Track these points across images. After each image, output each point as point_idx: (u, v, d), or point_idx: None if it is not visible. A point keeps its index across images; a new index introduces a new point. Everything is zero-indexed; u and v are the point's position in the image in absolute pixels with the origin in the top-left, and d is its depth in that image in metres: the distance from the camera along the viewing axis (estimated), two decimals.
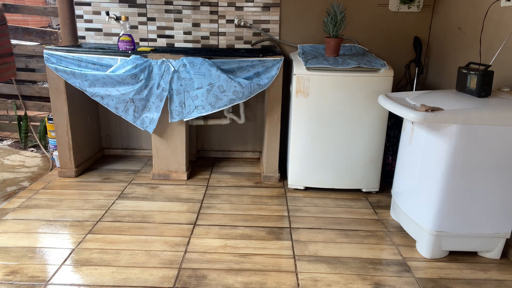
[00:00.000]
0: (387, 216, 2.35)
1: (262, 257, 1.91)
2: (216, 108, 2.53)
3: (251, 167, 3.07)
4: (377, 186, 2.63)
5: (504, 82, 2.04)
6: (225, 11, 2.94)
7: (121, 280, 1.71)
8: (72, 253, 1.90)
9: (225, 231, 2.13)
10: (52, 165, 3.00)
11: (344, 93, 2.41)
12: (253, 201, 2.50)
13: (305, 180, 2.63)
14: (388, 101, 1.97)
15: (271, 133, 2.70)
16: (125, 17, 2.67)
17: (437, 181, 1.82)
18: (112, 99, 2.51)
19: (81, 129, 2.81)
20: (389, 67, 2.39)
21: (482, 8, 2.24)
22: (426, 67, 2.99)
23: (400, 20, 2.93)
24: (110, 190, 2.58)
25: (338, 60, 2.45)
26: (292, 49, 2.98)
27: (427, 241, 1.92)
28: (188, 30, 2.99)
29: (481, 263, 1.91)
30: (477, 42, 2.23)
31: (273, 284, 1.71)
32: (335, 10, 2.45)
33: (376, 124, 2.48)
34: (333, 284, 1.73)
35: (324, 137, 2.50)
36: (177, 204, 2.43)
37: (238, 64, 2.51)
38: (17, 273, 1.74)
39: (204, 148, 3.26)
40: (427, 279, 1.78)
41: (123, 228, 2.13)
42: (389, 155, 2.75)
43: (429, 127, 1.84)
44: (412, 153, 2.00)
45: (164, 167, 2.76)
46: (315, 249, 1.99)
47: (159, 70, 2.49)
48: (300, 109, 2.47)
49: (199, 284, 1.70)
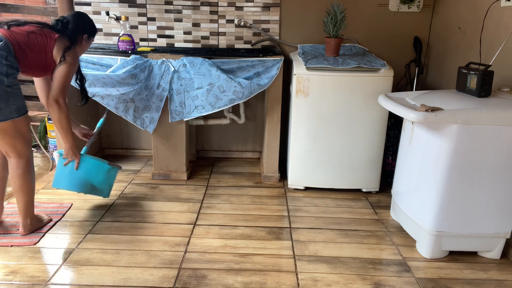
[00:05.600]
0: (387, 216, 2.35)
1: (262, 257, 1.91)
2: (216, 108, 2.53)
3: (251, 167, 3.07)
4: (377, 186, 2.63)
5: (504, 82, 2.04)
6: (225, 11, 2.94)
7: (121, 280, 1.71)
8: (72, 253, 1.90)
9: (225, 231, 2.13)
10: (52, 165, 3.00)
11: (344, 93, 2.41)
12: (253, 201, 2.50)
13: (305, 180, 2.63)
14: (388, 101, 1.97)
15: (271, 133, 2.70)
16: (125, 17, 2.68)
17: (437, 181, 1.82)
18: (112, 99, 2.51)
19: None
20: (389, 67, 2.39)
21: (482, 8, 2.24)
22: (426, 67, 2.99)
23: (400, 20, 2.93)
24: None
25: (338, 60, 2.45)
26: (292, 49, 2.98)
27: (427, 241, 1.92)
28: (188, 30, 2.99)
29: (481, 263, 1.91)
30: (477, 42, 2.22)
31: (273, 284, 1.71)
32: (335, 10, 2.45)
33: (376, 124, 2.48)
34: (333, 284, 1.73)
35: (324, 137, 2.50)
36: (177, 204, 2.43)
37: (238, 64, 2.51)
38: (17, 273, 1.74)
39: (204, 148, 3.26)
40: (427, 279, 1.78)
41: (123, 228, 2.13)
42: (389, 155, 2.75)
43: (429, 127, 1.84)
44: (412, 153, 2.00)
45: (164, 167, 2.76)
46: (315, 249, 1.99)
47: (159, 70, 2.49)
48: (300, 109, 2.47)
49: (199, 284, 1.70)
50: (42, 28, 1.87)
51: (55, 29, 1.91)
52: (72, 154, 2.03)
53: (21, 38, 1.80)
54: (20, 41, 1.79)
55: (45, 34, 1.86)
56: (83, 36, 2.01)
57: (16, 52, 1.76)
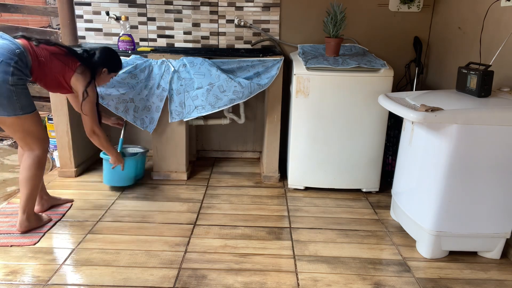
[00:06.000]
0: (387, 216, 2.35)
1: (262, 257, 1.91)
2: (216, 108, 2.52)
3: (251, 167, 3.07)
4: (377, 186, 2.63)
5: (504, 82, 2.04)
6: (225, 11, 2.94)
7: (121, 280, 1.71)
8: (72, 253, 1.90)
9: (225, 231, 2.13)
10: (52, 165, 3.00)
11: (344, 93, 2.41)
12: (253, 201, 2.50)
13: (305, 180, 2.63)
14: (388, 101, 1.97)
15: (271, 133, 2.70)
16: (125, 17, 2.68)
17: (437, 181, 1.82)
18: (112, 99, 2.51)
19: (81, 129, 2.80)
20: (389, 67, 2.39)
21: (482, 8, 2.24)
22: (426, 67, 2.99)
23: (400, 20, 2.93)
24: (110, 190, 2.57)
25: (338, 60, 2.45)
26: (292, 49, 2.98)
27: (427, 241, 1.92)
28: (188, 30, 2.99)
29: (481, 263, 1.91)
30: (477, 42, 2.22)
31: (273, 284, 1.71)
32: (335, 10, 2.45)
33: (376, 124, 2.48)
34: (333, 284, 1.73)
35: (324, 137, 2.50)
36: (177, 204, 2.43)
37: (238, 64, 2.51)
38: (17, 273, 1.74)
39: (204, 148, 3.26)
40: (427, 279, 1.78)
41: (123, 228, 2.13)
42: (389, 155, 2.75)
43: (429, 127, 1.84)
44: (412, 153, 2.00)
45: (164, 167, 2.76)
46: (315, 249, 1.99)
47: (159, 70, 2.49)
48: (300, 109, 2.47)
49: (199, 284, 1.70)
50: (67, 53, 2.03)
51: (79, 57, 2.07)
52: (117, 161, 2.43)
53: (42, 53, 1.95)
54: (41, 56, 1.94)
55: (67, 59, 2.02)
56: (103, 70, 2.17)
57: (32, 63, 1.91)
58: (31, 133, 1.95)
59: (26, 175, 1.98)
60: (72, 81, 2.06)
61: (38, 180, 2.03)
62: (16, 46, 1.84)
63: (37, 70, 1.94)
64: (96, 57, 2.14)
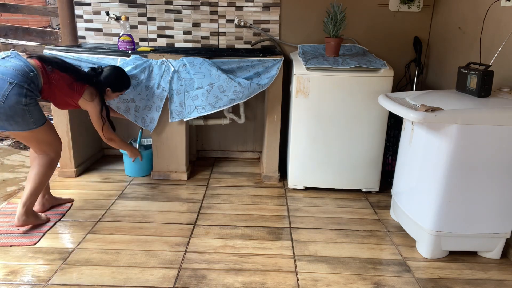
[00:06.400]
0: (387, 216, 2.35)
1: (262, 257, 1.91)
2: (216, 108, 2.52)
3: (251, 167, 3.07)
4: (377, 186, 2.63)
5: (504, 82, 2.04)
6: (225, 11, 2.94)
7: (121, 280, 1.71)
8: (72, 253, 1.90)
9: (225, 231, 2.13)
10: None
11: (344, 93, 2.41)
12: (253, 201, 2.50)
13: (305, 180, 2.63)
14: (388, 101, 1.97)
15: (271, 133, 2.70)
16: (125, 17, 2.67)
17: (437, 181, 1.82)
18: (113, 99, 2.51)
19: (81, 129, 2.81)
20: (389, 67, 2.39)
21: (482, 8, 2.24)
22: (426, 67, 2.99)
23: (400, 20, 2.93)
24: (110, 190, 2.58)
25: (338, 60, 2.45)
26: (292, 49, 2.98)
27: (427, 241, 1.92)
28: (188, 30, 2.99)
29: (481, 263, 1.91)
30: (477, 42, 2.22)
31: (273, 284, 1.71)
32: (335, 10, 2.45)
33: (376, 124, 2.48)
34: (333, 284, 1.73)
35: (324, 137, 2.50)
36: (177, 204, 2.43)
37: (238, 64, 2.51)
38: (17, 273, 1.74)
39: (204, 148, 3.26)
40: (427, 279, 1.78)
41: (123, 228, 2.13)
42: (389, 155, 2.75)
43: (429, 127, 1.84)
44: (412, 153, 2.00)
45: (164, 167, 2.76)
46: (315, 249, 1.99)
47: (159, 70, 2.49)
48: (300, 109, 2.47)
49: (199, 284, 1.70)
50: (75, 79, 2.12)
51: (86, 80, 2.17)
52: (135, 155, 2.65)
53: (53, 77, 2.04)
54: (52, 79, 2.03)
55: (76, 85, 2.13)
56: (107, 89, 2.26)
57: (43, 85, 2.00)
58: (45, 141, 2.06)
59: (38, 170, 2.06)
60: (80, 103, 2.19)
61: (46, 178, 2.10)
62: (30, 68, 1.92)
63: (47, 91, 2.04)
64: (102, 76, 2.23)
